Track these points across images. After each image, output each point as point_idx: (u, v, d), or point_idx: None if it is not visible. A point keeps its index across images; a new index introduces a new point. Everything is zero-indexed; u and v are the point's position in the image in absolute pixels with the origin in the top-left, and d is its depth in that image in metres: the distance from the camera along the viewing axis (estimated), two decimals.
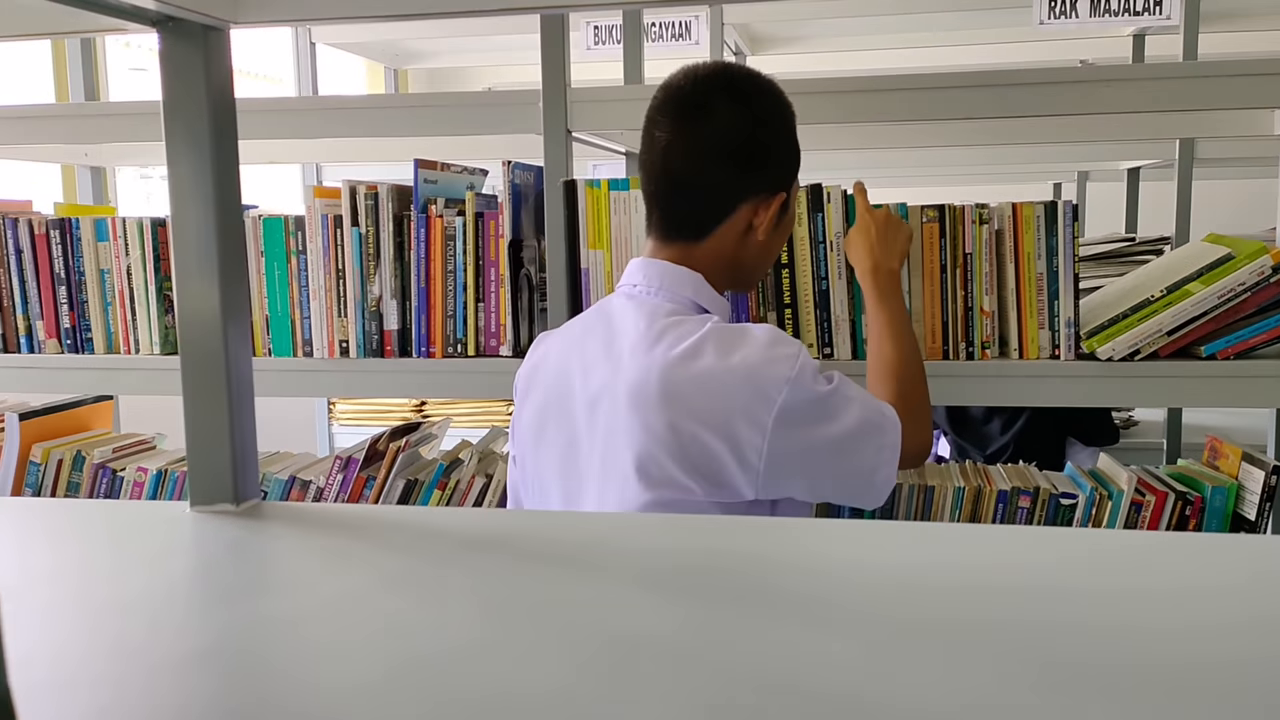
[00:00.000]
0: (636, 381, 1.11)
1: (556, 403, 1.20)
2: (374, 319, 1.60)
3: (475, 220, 1.57)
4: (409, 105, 1.60)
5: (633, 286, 1.20)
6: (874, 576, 0.56)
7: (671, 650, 0.47)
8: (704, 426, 1.08)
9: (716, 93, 1.16)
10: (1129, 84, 1.47)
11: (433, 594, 0.56)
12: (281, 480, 1.66)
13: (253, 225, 1.62)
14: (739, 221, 1.18)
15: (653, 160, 1.19)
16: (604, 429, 1.14)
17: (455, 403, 3.15)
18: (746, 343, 1.11)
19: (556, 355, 1.23)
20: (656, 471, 1.09)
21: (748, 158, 1.16)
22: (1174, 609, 0.51)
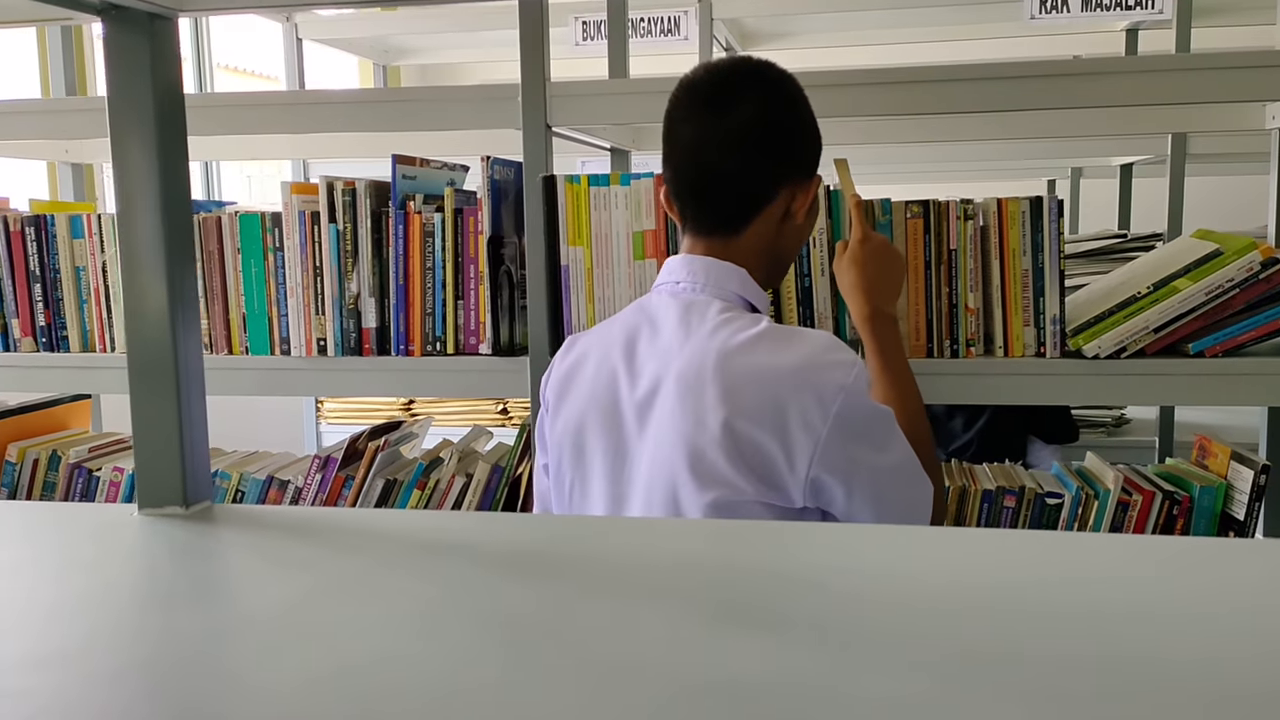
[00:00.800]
0: (689, 371, 1.07)
1: (600, 409, 1.15)
2: (352, 317, 1.58)
3: (454, 217, 1.55)
4: (385, 100, 1.58)
5: (675, 284, 1.16)
6: (850, 582, 0.54)
7: (610, 657, 0.45)
8: (757, 422, 1.05)
9: (741, 83, 1.14)
10: (1120, 77, 1.44)
11: (372, 601, 0.54)
12: (259, 480, 1.64)
13: (229, 222, 1.60)
14: (777, 208, 1.15)
15: (683, 156, 1.16)
16: (655, 430, 1.10)
17: (444, 402, 3.13)
18: (805, 343, 1.09)
19: (596, 359, 1.17)
20: (709, 469, 1.06)
21: (781, 143, 1.15)
22: (1146, 618, 0.49)
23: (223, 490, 1.65)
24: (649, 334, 1.14)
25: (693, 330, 1.10)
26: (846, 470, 1.06)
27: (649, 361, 1.12)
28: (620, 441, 1.13)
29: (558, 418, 1.19)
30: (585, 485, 1.17)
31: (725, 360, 1.06)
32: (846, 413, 1.05)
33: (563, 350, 1.24)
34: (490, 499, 1.64)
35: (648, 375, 1.12)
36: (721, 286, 1.14)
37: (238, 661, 0.48)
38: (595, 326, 1.25)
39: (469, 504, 1.61)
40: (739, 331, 1.08)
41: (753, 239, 1.16)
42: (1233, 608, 0.51)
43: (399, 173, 1.55)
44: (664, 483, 1.09)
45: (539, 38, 1.48)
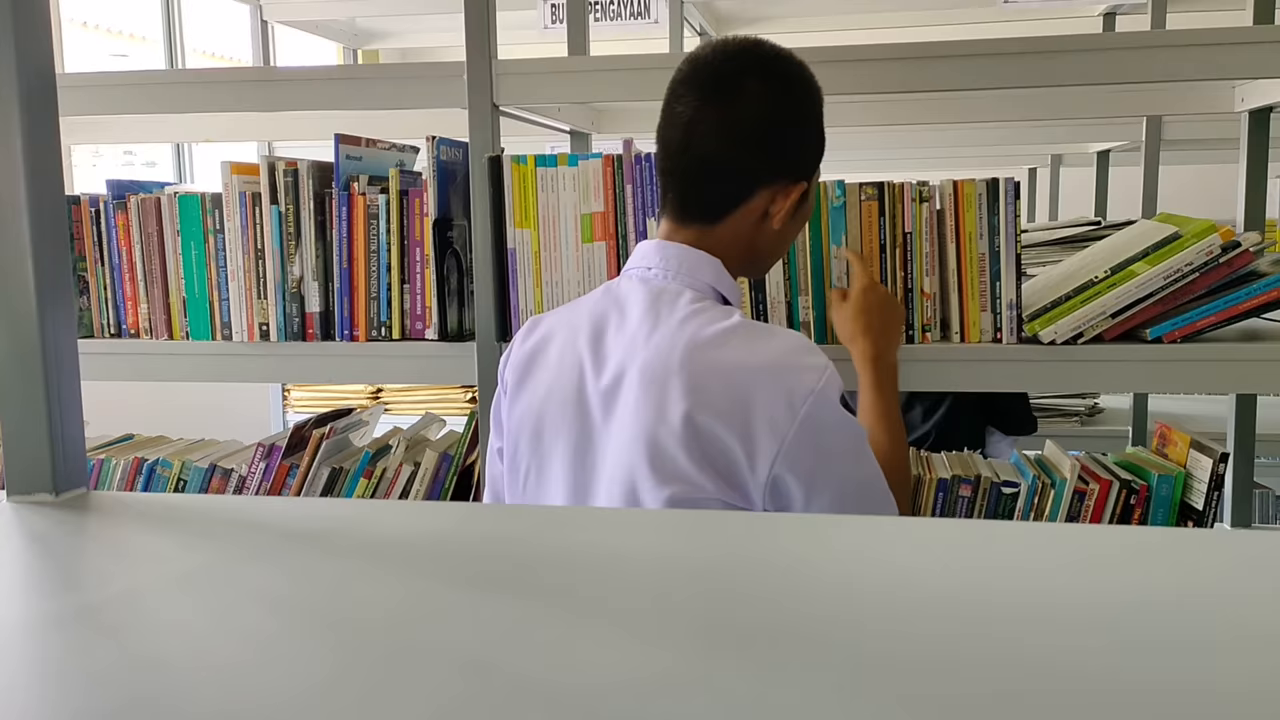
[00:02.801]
0: (655, 362, 1.04)
1: (563, 394, 1.11)
2: (295, 301, 1.54)
3: (399, 198, 1.50)
4: (326, 78, 1.53)
5: (647, 270, 1.12)
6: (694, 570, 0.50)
7: (454, 649, 0.42)
8: (721, 419, 1.01)
9: (748, 71, 1.09)
10: (1093, 55, 1.41)
11: (222, 593, 0.50)
12: (201, 469, 1.60)
13: (168, 203, 1.56)
14: (755, 208, 1.11)
15: (673, 136, 1.12)
16: (618, 419, 1.06)
17: (413, 389, 3.09)
18: (776, 342, 1.05)
19: (560, 343, 1.13)
20: (668, 463, 1.02)
21: (773, 143, 1.10)
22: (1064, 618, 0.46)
23: (164, 479, 1.61)
24: (617, 321, 1.10)
25: (661, 320, 1.06)
26: (809, 474, 1.03)
27: (615, 350, 1.08)
28: (583, 430, 1.09)
29: (517, 401, 1.15)
30: (542, 473, 1.13)
31: (692, 353, 1.03)
32: (815, 416, 1.02)
33: (524, 331, 1.19)
34: (439, 487, 1.60)
35: (613, 364, 1.08)
36: (694, 276, 1.10)
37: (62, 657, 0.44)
38: (560, 308, 1.21)
39: (416, 493, 1.57)
40: (709, 324, 1.05)
41: (729, 232, 1.12)
42: (1100, 597, 0.47)
43: (342, 153, 1.51)
44: (623, 475, 1.05)
45: (484, 13, 1.44)
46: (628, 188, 1.44)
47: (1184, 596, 0.48)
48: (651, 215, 1.44)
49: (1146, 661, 0.41)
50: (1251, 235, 1.31)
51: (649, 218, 1.44)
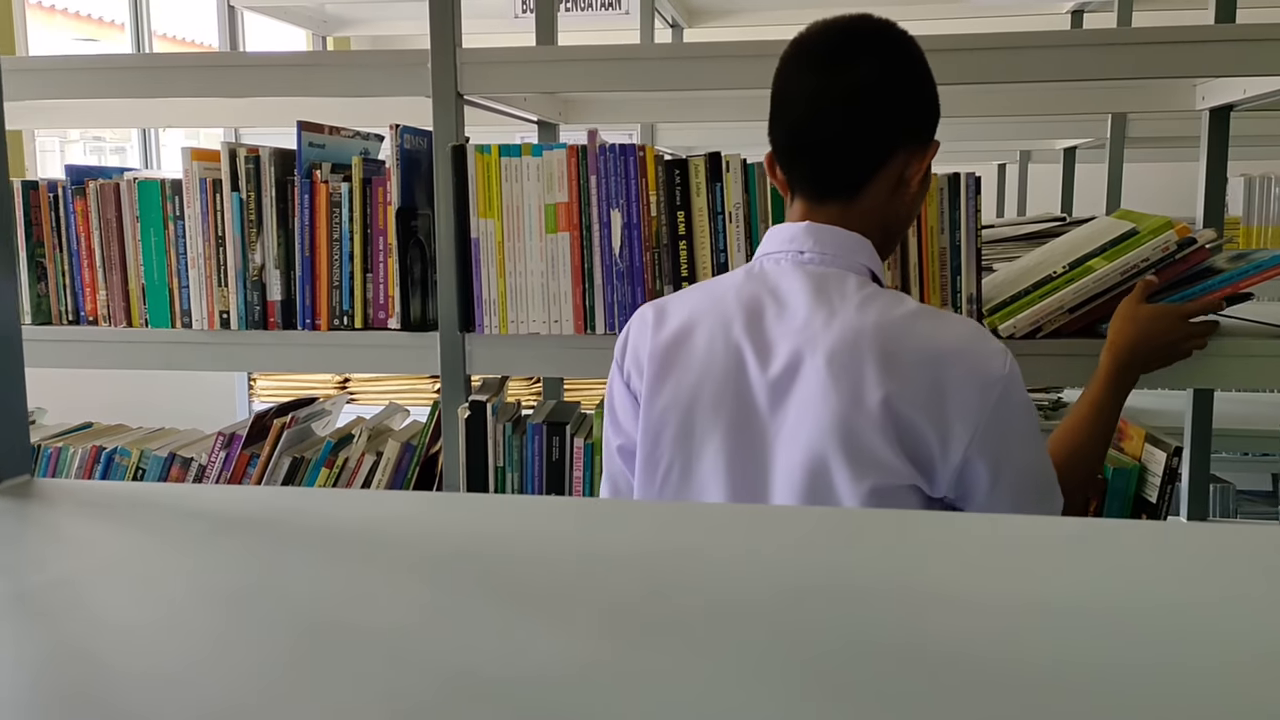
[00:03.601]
0: (842, 348, 1.01)
1: (719, 385, 1.06)
2: (256, 289, 1.52)
3: (363, 187, 1.49)
4: (286, 64, 1.51)
5: (800, 254, 1.09)
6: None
7: (371, 643, 0.41)
8: (917, 402, 1.00)
9: (862, 40, 1.09)
10: (1057, 51, 1.42)
11: (155, 581, 0.49)
12: (160, 458, 1.59)
13: (127, 189, 1.54)
14: (892, 173, 1.09)
15: (797, 114, 1.10)
16: (794, 410, 1.03)
17: (382, 379, 3.07)
18: (960, 325, 1.04)
19: (708, 332, 1.08)
20: (865, 450, 1.00)
21: (900, 102, 1.09)
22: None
23: (122, 468, 1.59)
24: (774, 307, 1.07)
25: (835, 306, 1.03)
26: (997, 459, 1.02)
27: (783, 338, 1.05)
28: (747, 422, 1.05)
29: (658, 394, 1.09)
30: (691, 468, 1.08)
31: (883, 336, 1.01)
32: (1007, 399, 1.01)
33: (651, 319, 1.13)
34: (401, 478, 1.59)
35: (784, 352, 1.04)
36: (852, 258, 1.08)
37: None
38: (686, 293, 1.15)
39: (378, 483, 1.57)
40: (891, 308, 1.03)
41: (868, 205, 1.10)
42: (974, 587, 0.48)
43: (305, 140, 1.50)
44: (809, 466, 1.02)
45: (448, 0, 1.43)
46: (592, 178, 1.44)
47: (1103, 587, 0.48)
48: (615, 206, 1.44)
49: (1061, 650, 0.41)
50: (1207, 233, 1.33)
51: (613, 209, 1.44)
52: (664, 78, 1.48)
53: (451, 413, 1.50)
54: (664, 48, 2.19)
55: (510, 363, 1.50)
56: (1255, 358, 1.33)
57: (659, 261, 1.44)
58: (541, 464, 1.51)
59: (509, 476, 1.51)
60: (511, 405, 1.58)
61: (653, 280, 1.45)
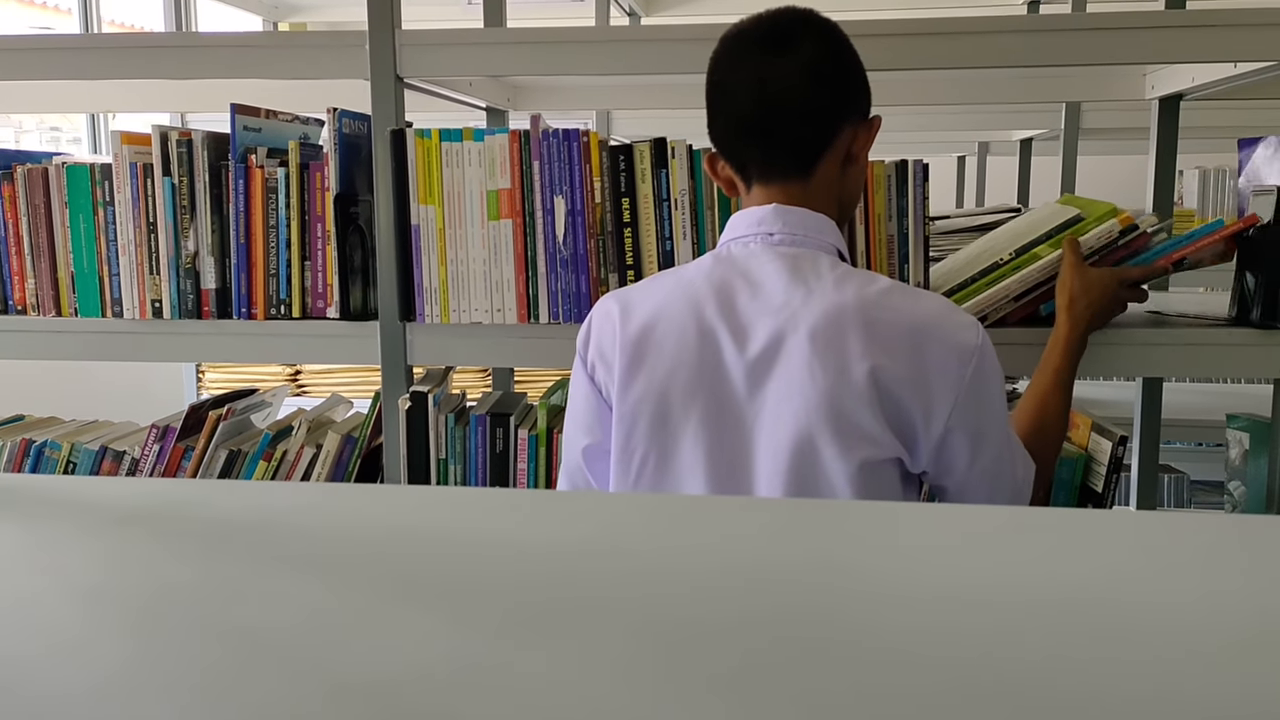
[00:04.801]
0: (824, 324, 1.02)
1: (693, 371, 1.06)
2: (190, 277, 1.48)
3: (299, 172, 1.45)
4: (218, 45, 1.47)
5: (769, 235, 1.10)
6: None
7: (259, 643, 0.39)
8: (900, 374, 1.01)
9: (797, 26, 1.12)
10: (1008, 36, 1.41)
11: (23, 576, 0.46)
12: (92, 451, 1.54)
13: (56, 174, 1.49)
14: (840, 147, 1.12)
15: (744, 100, 1.11)
16: (775, 390, 1.03)
17: (334, 370, 3.03)
18: (933, 300, 1.07)
19: (678, 319, 1.08)
20: (854, 425, 1.01)
21: (841, 82, 1.12)
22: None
23: (53, 461, 1.54)
24: (747, 289, 1.07)
25: (812, 285, 1.05)
26: (977, 430, 1.05)
27: (759, 318, 1.05)
28: (725, 405, 1.06)
29: (630, 386, 1.08)
30: (668, 457, 1.08)
31: (864, 311, 1.02)
32: (982, 370, 1.04)
33: (617, 312, 1.12)
34: (342, 471, 1.56)
35: (762, 332, 1.04)
36: (820, 238, 1.10)
37: None
38: (648, 282, 1.15)
39: (318, 476, 1.53)
40: (867, 284, 1.05)
41: (822, 182, 1.12)
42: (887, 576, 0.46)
43: (240, 123, 1.46)
44: (796, 445, 1.02)
45: None
46: (535, 164, 1.40)
47: (1018, 576, 0.46)
48: (559, 193, 1.41)
49: (976, 636, 0.39)
50: (1149, 218, 1.32)
51: (556, 195, 1.41)
52: (609, 61, 1.45)
53: (392, 404, 1.46)
54: (610, 30, 2.17)
55: (452, 352, 1.47)
56: (1197, 346, 1.33)
57: (604, 249, 1.41)
58: (485, 456, 1.48)
59: (451, 469, 1.48)
60: (455, 396, 1.55)
61: (597, 268, 1.42)
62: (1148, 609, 0.42)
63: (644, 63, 1.47)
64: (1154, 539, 0.51)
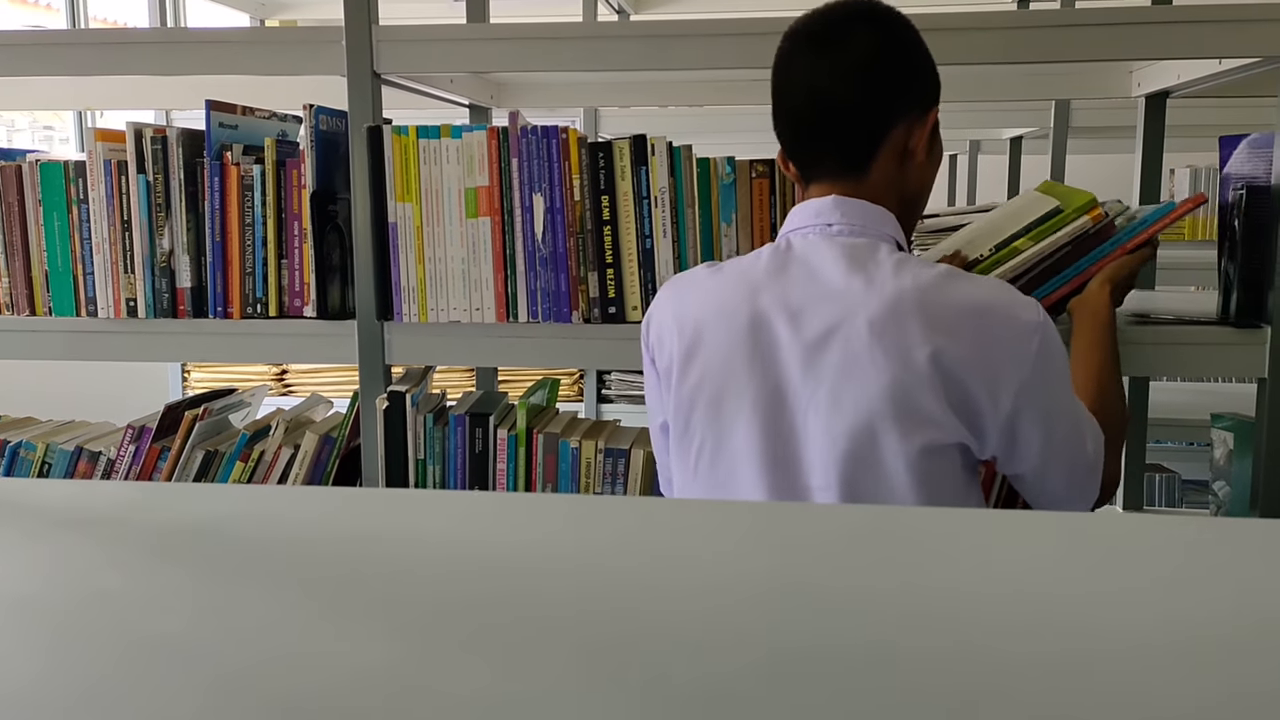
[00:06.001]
0: (884, 310, 1.01)
1: (747, 358, 1.07)
2: (165, 276, 1.46)
3: (276, 169, 1.44)
4: (193, 41, 1.45)
5: (827, 226, 1.10)
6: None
7: (174, 648, 0.37)
8: (964, 359, 1.01)
9: (853, 19, 1.11)
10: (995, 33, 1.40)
11: None
12: (67, 452, 1.53)
13: (29, 171, 1.47)
14: (896, 145, 1.11)
15: (797, 97, 1.12)
16: (833, 375, 1.03)
17: (320, 370, 3.01)
18: (990, 283, 1.07)
19: (731, 306, 1.08)
20: (916, 409, 1.01)
21: (894, 73, 1.11)
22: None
23: (28, 462, 1.53)
24: (805, 275, 1.07)
25: (870, 273, 1.04)
26: (1046, 409, 1.04)
27: (816, 304, 1.05)
28: (778, 391, 1.06)
29: (687, 373, 1.10)
30: (721, 443, 1.09)
31: (925, 295, 1.02)
32: (1047, 349, 1.03)
33: (673, 296, 1.15)
34: (320, 471, 1.54)
35: (819, 317, 1.04)
36: (879, 229, 1.10)
37: None
38: (703, 271, 1.15)
39: (295, 476, 1.51)
40: (925, 270, 1.04)
41: (879, 179, 1.11)
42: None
43: (215, 120, 1.44)
44: (856, 430, 1.02)
45: None
46: (513, 161, 1.39)
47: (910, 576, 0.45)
48: (538, 191, 1.39)
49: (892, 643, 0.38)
50: (1114, 205, 1.31)
51: (535, 193, 1.40)
52: (589, 58, 1.44)
53: (370, 404, 1.45)
54: (588, 26, 2.15)
55: (431, 352, 1.45)
56: (1181, 345, 1.31)
57: (583, 247, 1.40)
58: (464, 456, 1.46)
59: (430, 469, 1.46)
60: (434, 396, 1.53)
61: (577, 266, 1.40)
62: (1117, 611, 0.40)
63: (624, 59, 1.45)
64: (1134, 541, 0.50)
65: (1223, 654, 0.37)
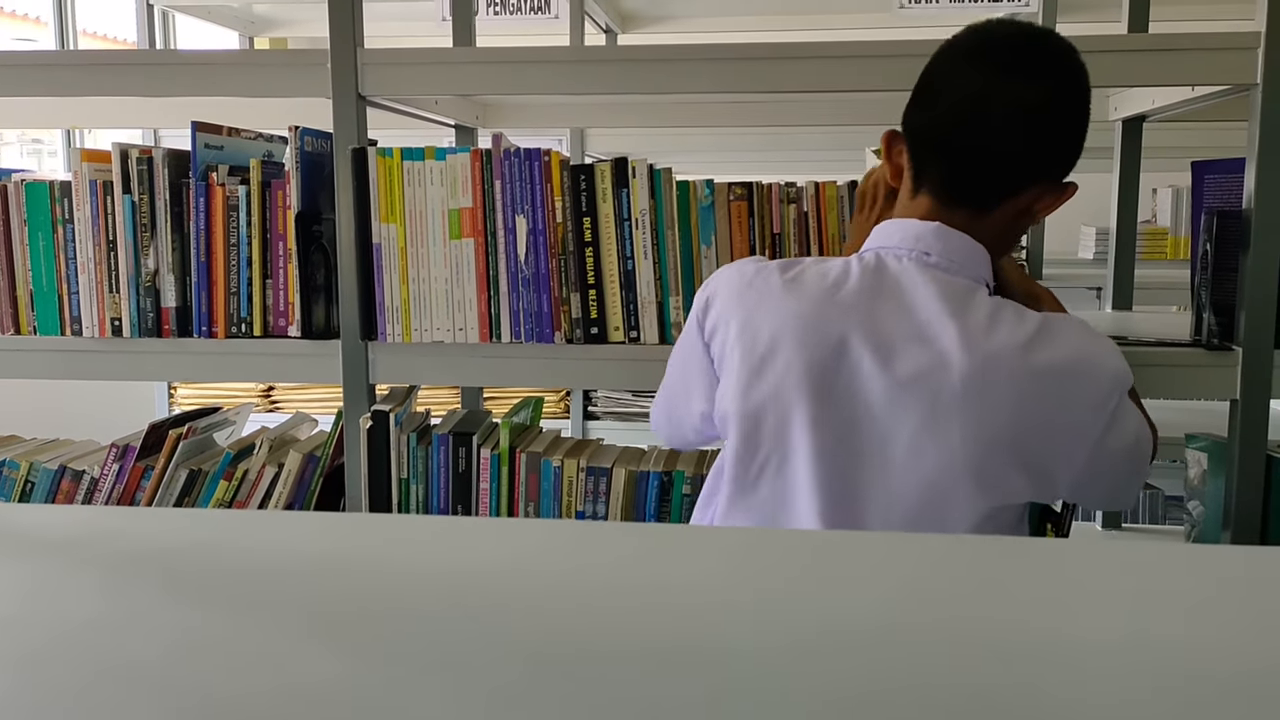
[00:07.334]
0: (979, 368, 0.98)
1: (830, 382, 1.02)
2: (150, 295, 1.47)
3: (261, 190, 1.45)
4: (179, 63, 1.46)
5: (925, 255, 1.05)
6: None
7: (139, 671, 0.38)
8: (1047, 423, 1.00)
9: (1051, 58, 1.04)
10: None
11: None
12: (51, 471, 1.53)
13: (15, 191, 1.48)
14: (1024, 200, 1.06)
15: (959, 108, 1.04)
16: (915, 421, 1.00)
17: (307, 388, 3.01)
18: (1076, 332, 1.04)
19: (816, 322, 1.02)
20: (995, 474, 1.00)
21: (1062, 133, 1.05)
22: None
23: (11, 481, 1.53)
24: (897, 306, 1.02)
25: (966, 320, 1.01)
26: (1116, 453, 1.04)
27: (908, 343, 1.01)
28: (852, 423, 1.02)
29: (759, 383, 1.03)
30: (787, 463, 1.04)
31: (1015, 361, 0.99)
32: (1122, 402, 1.03)
33: (742, 302, 1.06)
34: (304, 490, 1.55)
35: (909, 360, 1.00)
36: (976, 269, 1.06)
37: None
38: (773, 274, 1.07)
39: (279, 495, 1.52)
40: (1019, 326, 1.01)
41: (997, 223, 1.07)
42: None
43: (201, 141, 1.45)
44: (929, 483, 1.00)
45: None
46: (497, 183, 1.41)
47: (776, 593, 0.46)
48: (521, 212, 1.41)
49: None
50: None
51: (518, 214, 1.41)
52: (572, 82, 1.45)
53: (353, 423, 1.46)
54: (572, 50, 2.17)
55: (414, 372, 1.46)
56: (1154, 367, 1.33)
57: (565, 268, 1.41)
58: (447, 475, 1.47)
59: (414, 489, 1.47)
60: (418, 415, 1.54)
61: (559, 287, 1.42)
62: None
63: (608, 83, 1.46)
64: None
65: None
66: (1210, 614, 0.45)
